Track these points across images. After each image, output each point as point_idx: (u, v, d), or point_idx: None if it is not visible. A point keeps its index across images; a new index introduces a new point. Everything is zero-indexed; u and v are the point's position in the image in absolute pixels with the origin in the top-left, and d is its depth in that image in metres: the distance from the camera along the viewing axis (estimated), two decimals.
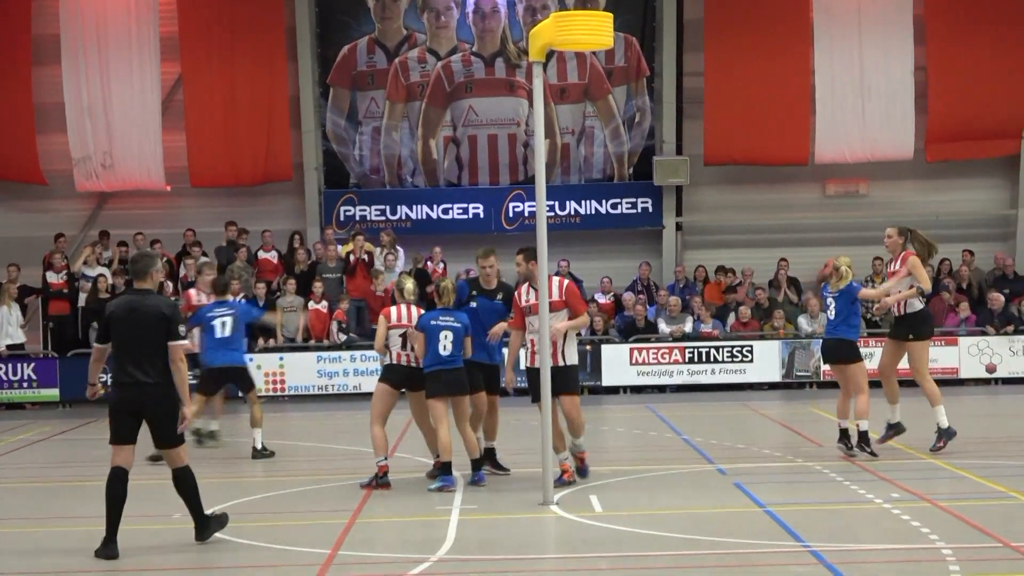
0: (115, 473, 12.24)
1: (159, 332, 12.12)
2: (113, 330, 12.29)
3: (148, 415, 12.21)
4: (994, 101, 30.63)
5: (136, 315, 12.17)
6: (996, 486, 14.73)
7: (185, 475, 12.39)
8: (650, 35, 31.28)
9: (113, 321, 12.32)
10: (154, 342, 12.10)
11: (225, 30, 30.76)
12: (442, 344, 15.21)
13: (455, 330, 15.26)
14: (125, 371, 12.17)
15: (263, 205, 31.25)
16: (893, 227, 18.30)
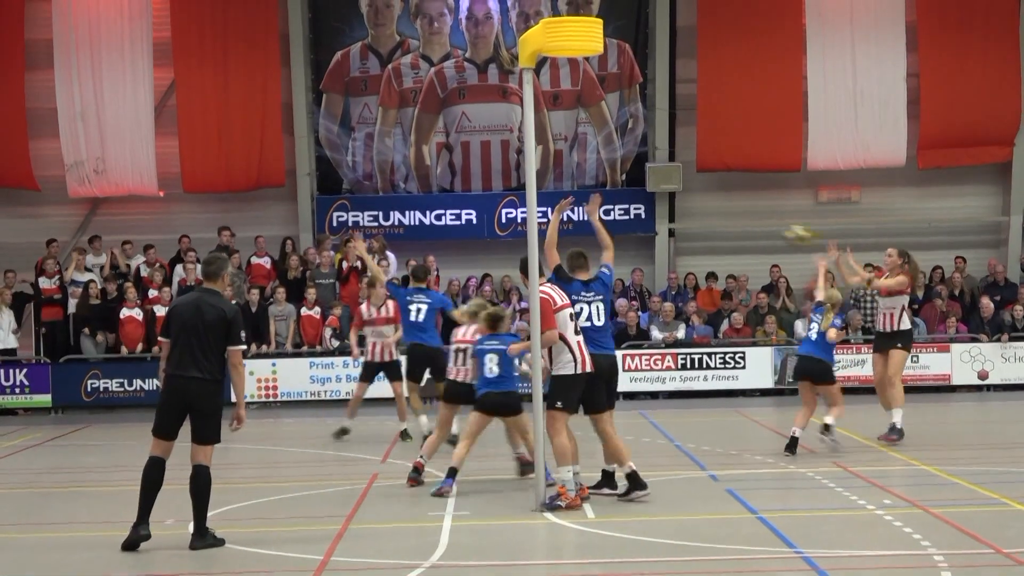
0: (153, 461, 12.51)
1: (219, 333, 12.48)
2: (175, 325, 12.57)
3: (194, 409, 12.46)
4: (985, 108, 30.67)
5: (200, 313, 12.49)
6: (988, 492, 14.76)
7: (204, 475, 12.54)
8: (643, 41, 31.30)
9: (175, 316, 12.65)
10: (212, 341, 12.44)
11: (218, 36, 30.74)
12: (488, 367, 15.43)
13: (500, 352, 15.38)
14: (180, 365, 12.47)
15: (256, 211, 31.22)
16: (895, 248, 20.03)
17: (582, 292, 14.80)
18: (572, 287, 14.78)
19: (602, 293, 14.90)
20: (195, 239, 29.83)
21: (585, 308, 14.73)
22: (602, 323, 14.83)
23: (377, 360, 20.89)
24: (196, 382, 12.46)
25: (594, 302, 14.80)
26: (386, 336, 20.82)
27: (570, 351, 14.28)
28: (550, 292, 14.43)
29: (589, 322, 14.70)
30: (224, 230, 29.81)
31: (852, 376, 27.93)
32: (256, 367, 27.49)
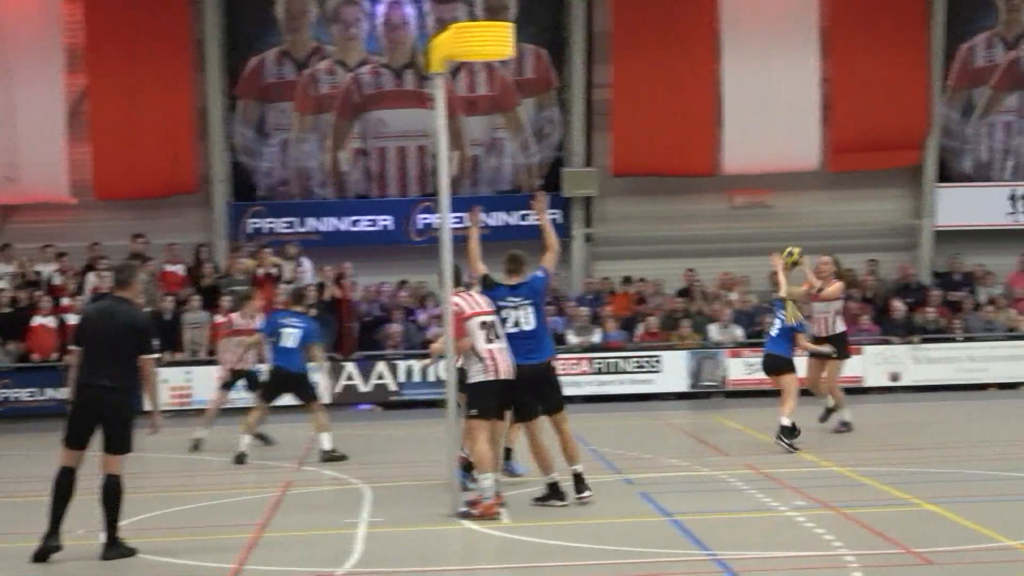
0: (63, 471, 12.35)
1: (130, 341, 12.29)
2: (86, 333, 12.45)
3: (105, 419, 12.30)
4: (896, 113, 31.01)
5: (111, 321, 12.33)
6: (898, 493, 14.91)
7: (116, 485, 12.40)
8: (558, 47, 31.37)
9: (86, 324, 12.56)
10: (123, 350, 12.26)
11: (131, 42, 30.45)
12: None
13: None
14: (92, 374, 12.30)
15: (169, 218, 30.95)
16: (829, 255, 21.34)
17: (508, 297, 14.58)
18: (497, 292, 14.62)
19: (531, 298, 14.59)
20: (108, 246, 29.56)
21: (511, 314, 14.50)
22: (531, 328, 14.52)
23: (239, 368, 21.28)
24: (108, 391, 12.28)
25: (521, 307, 14.53)
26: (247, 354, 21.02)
27: (479, 359, 14.22)
28: (459, 301, 14.35)
29: (517, 328, 14.47)
30: (138, 237, 29.61)
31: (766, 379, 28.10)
32: (170, 375, 27.30)
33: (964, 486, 15.62)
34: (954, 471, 16.92)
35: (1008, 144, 32.10)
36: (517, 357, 14.38)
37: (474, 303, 14.42)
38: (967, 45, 31.85)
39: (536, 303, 14.64)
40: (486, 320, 14.30)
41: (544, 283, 14.87)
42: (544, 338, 14.77)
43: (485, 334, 14.23)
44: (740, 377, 28.10)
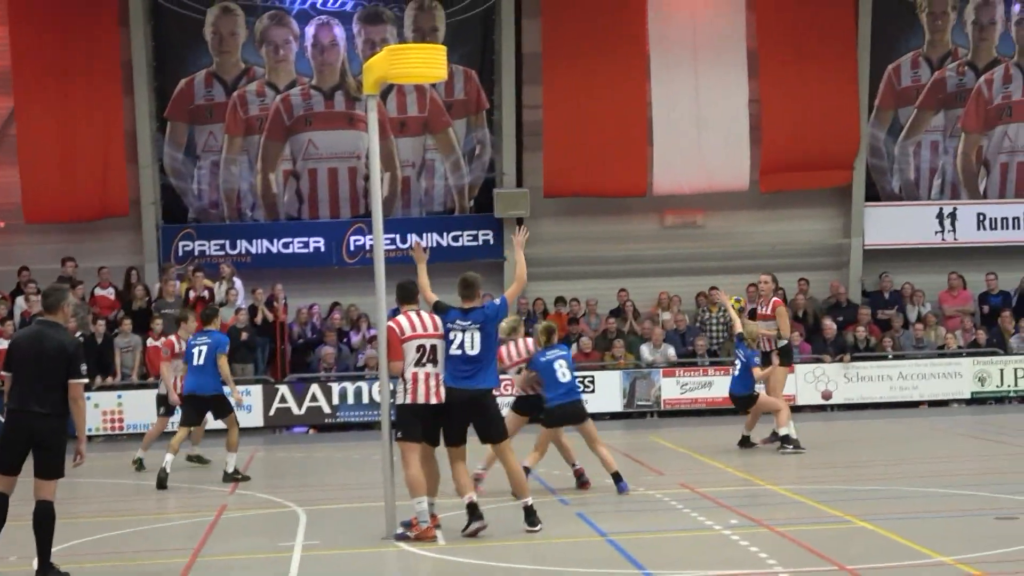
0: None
1: (59, 366, 12.19)
2: (15, 358, 12.37)
3: (37, 445, 12.19)
4: (826, 133, 31.26)
5: (40, 346, 12.26)
6: (832, 511, 14.99)
7: (49, 511, 12.28)
8: (489, 68, 31.42)
9: (15, 349, 12.46)
10: (53, 374, 12.16)
11: (59, 64, 30.21)
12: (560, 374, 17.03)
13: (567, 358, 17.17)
14: (22, 400, 12.22)
15: (100, 241, 30.72)
16: (768, 274, 21.78)
17: (457, 320, 14.36)
18: (448, 315, 14.42)
19: (479, 322, 14.35)
20: (38, 270, 29.31)
21: (458, 336, 14.26)
22: (475, 352, 14.25)
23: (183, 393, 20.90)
24: (38, 417, 12.16)
25: (469, 330, 14.29)
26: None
27: (403, 382, 14.02)
28: (402, 321, 14.20)
29: (460, 351, 14.22)
30: (68, 261, 29.36)
31: (699, 398, 28.30)
32: (101, 399, 27.14)
33: (897, 503, 15.74)
34: (887, 488, 17.04)
35: (935, 163, 32.42)
36: (454, 380, 14.18)
37: (417, 325, 14.20)
38: (893, 65, 32.16)
39: (485, 328, 14.39)
40: (423, 343, 14.13)
41: (497, 310, 14.61)
42: (488, 365, 14.43)
43: (418, 357, 14.08)
44: (674, 396, 28.22)
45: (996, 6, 32.38)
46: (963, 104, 32.35)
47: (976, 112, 32.37)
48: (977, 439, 23.40)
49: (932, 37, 32.25)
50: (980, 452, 21.62)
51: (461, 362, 14.22)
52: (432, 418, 14.14)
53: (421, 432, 14.10)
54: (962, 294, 31.39)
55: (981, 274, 31.68)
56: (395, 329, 14.12)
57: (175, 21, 30.79)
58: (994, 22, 32.40)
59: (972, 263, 31.95)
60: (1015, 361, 29.31)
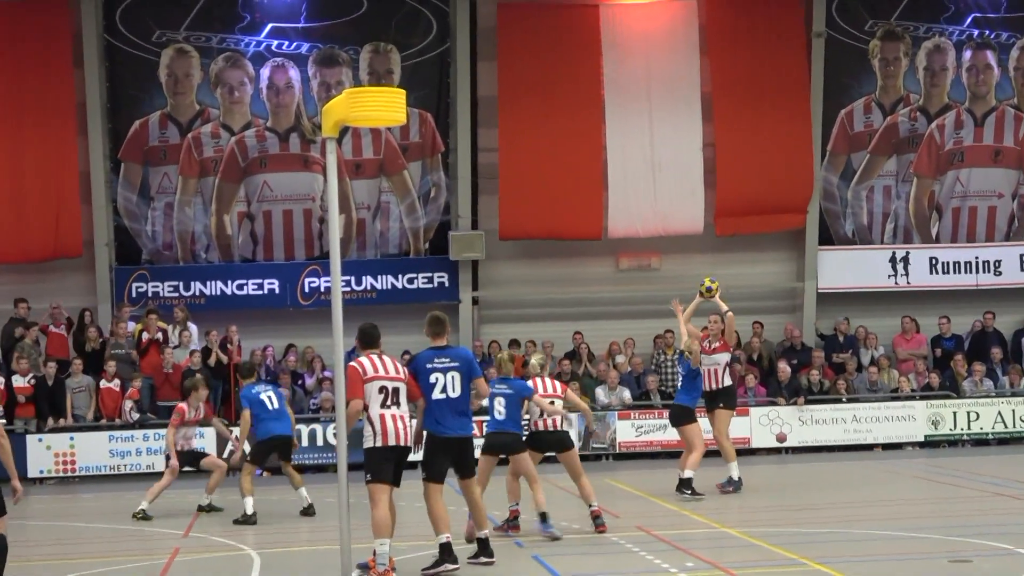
0: None
1: None
2: None
3: None
4: (780, 177, 31.41)
5: None
6: (787, 553, 14.99)
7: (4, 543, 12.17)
8: (445, 111, 31.48)
9: None
10: None
11: (12, 103, 30.13)
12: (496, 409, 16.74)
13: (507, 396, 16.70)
14: None
15: (52, 281, 30.54)
16: (717, 315, 22.04)
17: (435, 359, 14.35)
18: (420, 357, 14.45)
19: (458, 360, 14.38)
20: None
21: (439, 378, 14.28)
22: (457, 395, 14.30)
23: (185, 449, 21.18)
24: None
25: (449, 371, 14.30)
26: (191, 436, 21.34)
27: (371, 424, 14.00)
28: (364, 362, 14.13)
29: (444, 395, 14.26)
30: (20, 302, 29.19)
31: (655, 441, 28.31)
32: (53, 441, 26.98)
33: (852, 546, 15.75)
34: (842, 531, 17.06)
35: (887, 207, 32.63)
36: (442, 428, 14.26)
37: (379, 366, 14.13)
38: (846, 110, 32.41)
39: (463, 368, 14.39)
40: (385, 385, 14.08)
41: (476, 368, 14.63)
42: (468, 410, 14.57)
43: (382, 399, 14.02)
44: (629, 439, 28.23)
45: (947, 52, 32.68)
46: (915, 149, 32.61)
47: (928, 157, 32.63)
48: (931, 482, 23.46)
49: (884, 83, 32.52)
50: (934, 495, 21.68)
51: (447, 408, 14.31)
52: (398, 460, 14.11)
53: (391, 474, 14.05)
54: (916, 337, 31.55)
55: (934, 318, 31.87)
56: (357, 369, 14.05)
57: (129, 62, 30.76)
58: (945, 68, 32.68)
59: (925, 307, 32.15)
60: (968, 404, 29.47)
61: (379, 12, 31.11)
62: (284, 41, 31.13)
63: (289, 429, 20.59)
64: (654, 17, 31.61)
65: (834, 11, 31.98)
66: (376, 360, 14.20)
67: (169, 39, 30.88)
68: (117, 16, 30.58)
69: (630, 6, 31.53)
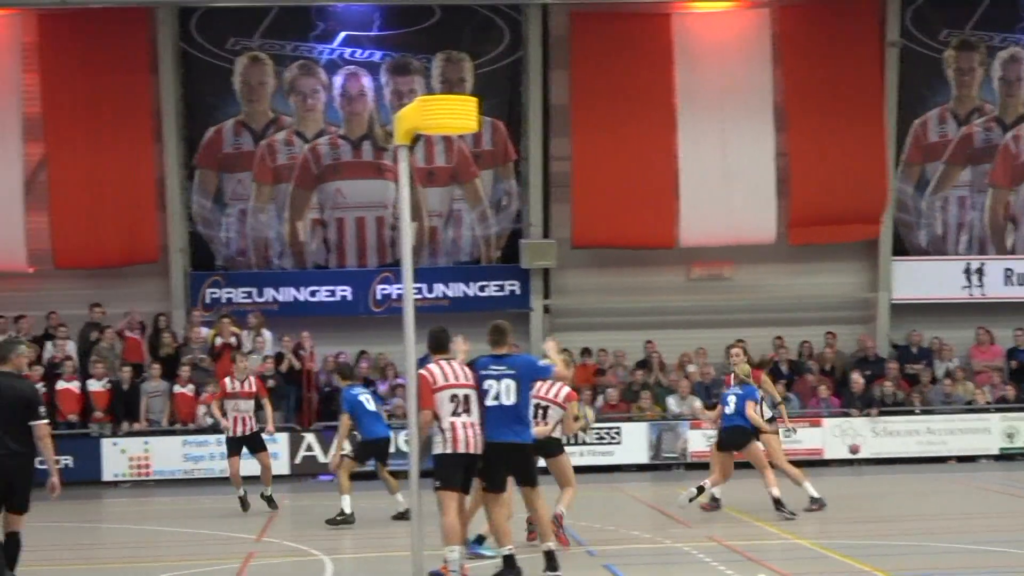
0: None
1: (18, 411, 13.16)
2: None
3: (10, 481, 13.11)
4: (854, 187, 31.22)
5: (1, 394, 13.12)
6: (861, 565, 14.91)
7: (19, 540, 13.38)
8: (517, 119, 31.50)
9: None
10: (15, 419, 13.09)
11: (91, 111, 30.43)
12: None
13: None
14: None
15: (128, 287, 30.82)
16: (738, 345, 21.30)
17: (490, 366, 14.29)
18: (479, 363, 14.38)
19: (515, 369, 14.24)
20: (67, 315, 29.52)
21: (493, 385, 14.16)
22: (511, 403, 14.14)
23: (240, 434, 21.56)
24: (12, 457, 13.09)
25: (503, 378, 14.16)
26: (245, 411, 21.53)
27: (441, 431, 13.96)
28: (434, 370, 14.12)
29: (497, 402, 14.12)
30: (96, 306, 29.51)
31: None
32: (128, 445, 27.20)
33: (926, 559, 15.65)
34: (916, 544, 16.95)
35: (962, 218, 32.37)
36: (496, 434, 14.09)
37: (450, 374, 14.13)
38: (921, 120, 32.16)
39: (520, 378, 14.24)
40: (456, 393, 14.06)
41: (535, 368, 14.56)
42: (526, 417, 14.39)
43: (453, 407, 14.00)
44: (701, 449, 28.12)
45: (1023, 62, 32.37)
46: (991, 159, 32.31)
47: (1004, 168, 32.33)
48: (1006, 495, 23.27)
49: (959, 93, 32.25)
50: (1009, 508, 21.50)
51: (501, 414, 14.13)
52: (468, 467, 14.10)
53: (460, 481, 14.06)
54: (991, 349, 31.30)
55: (1009, 329, 31.58)
56: (427, 377, 14.00)
57: (205, 70, 30.97)
58: (1021, 78, 32.37)
59: (1000, 318, 31.87)
60: None
61: (452, 21, 31.17)
62: (357, 49, 31.25)
63: (388, 431, 20.89)
64: (727, 26, 31.54)
65: (909, 21, 31.75)
66: (446, 367, 14.20)
67: (244, 47, 31.08)
68: (192, 24, 30.82)
69: (703, 15, 31.46)
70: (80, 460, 27.21)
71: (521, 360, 14.58)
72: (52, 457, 13.54)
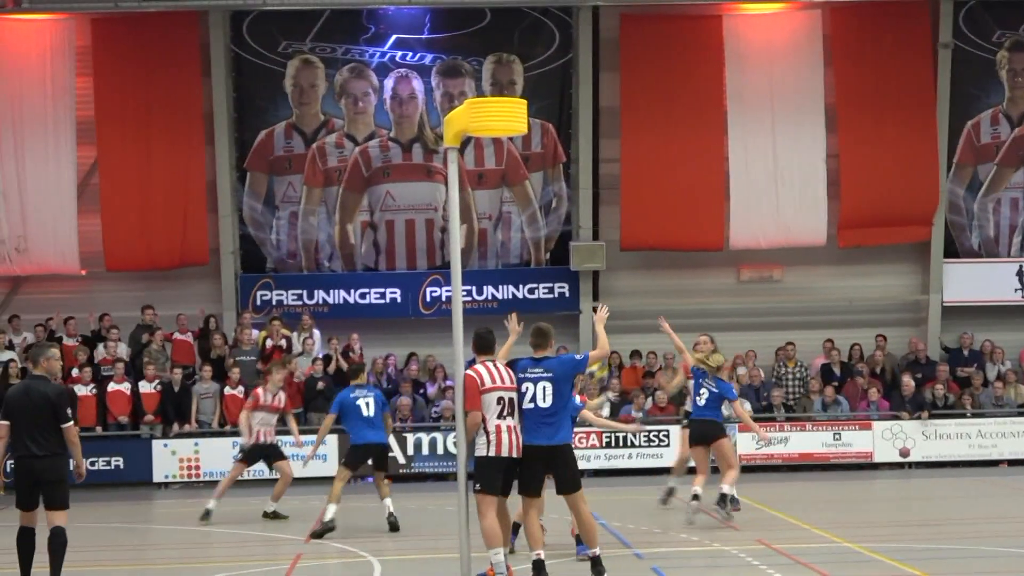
0: (23, 531, 14.09)
1: (47, 414, 13.87)
2: (10, 410, 14.03)
3: (41, 481, 13.91)
4: (905, 189, 31.08)
5: (29, 398, 13.95)
6: (909, 569, 14.84)
7: (62, 535, 13.94)
8: (567, 122, 31.52)
9: (10, 402, 14.11)
10: (44, 421, 13.83)
11: (142, 114, 30.64)
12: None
13: None
14: (22, 444, 13.94)
15: (179, 289, 31.03)
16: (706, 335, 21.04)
17: (529, 369, 14.26)
18: (518, 365, 14.35)
19: (552, 371, 14.18)
20: (119, 317, 29.71)
21: (530, 388, 14.12)
22: (547, 405, 14.08)
23: (262, 442, 21.56)
24: (36, 459, 13.85)
25: (540, 381, 14.13)
26: (270, 423, 21.57)
27: (485, 433, 13.94)
28: (481, 371, 14.08)
29: (533, 404, 14.08)
30: (147, 308, 29.70)
31: (776, 454, 28.13)
32: (178, 446, 27.34)
33: (977, 563, 15.56)
34: (966, 547, 16.86)
35: (1015, 220, 32.17)
36: (531, 436, 14.05)
37: (496, 376, 14.10)
38: (973, 122, 31.98)
39: (556, 379, 14.19)
40: (503, 395, 14.02)
41: (573, 363, 14.45)
42: (562, 419, 14.27)
43: (499, 410, 13.96)
44: (749, 452, 28.04)
45: None
46: None
47: None
48: None
49: (1012, 94, 32.05)
50: None
51: (536, 417, 14.09)
52: (508, 471, 14.10)
53: (500, 485, 14.06)
54: None
55: None
56: (474, 379, 13.98)
57: (256, 73, 31.13)
58: None
59: None
60: None
61: (502, 23, 31.21)
62: (408, 52, 31.33)
63: (384, 437, 20.16)
64: (778, 27, 31.44)
65: (961, 22, 31.57)
66: (492, 369, 14.16)
67: (295, 50, 31.21)
68: (244, 28, 30.97)
69: (754, 16, 31.38)
70: (131, 461, 27.41)
71: (557, 361, 14.48)
72: (80, 458, 14.22)
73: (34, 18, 30.36)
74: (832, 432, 28.24)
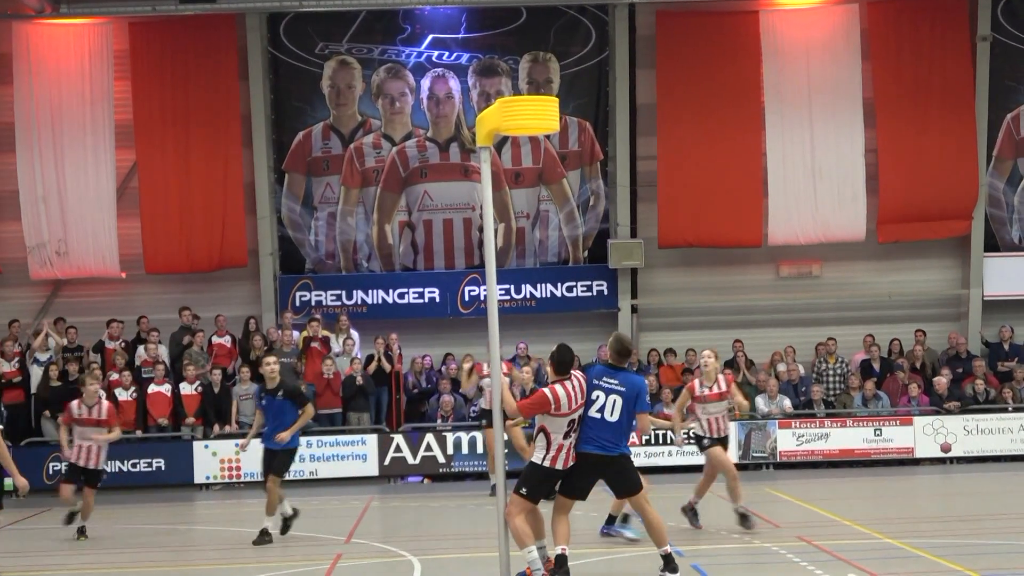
0: None
1: None
2: None
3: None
4: (944, 183, 30.94)
5: None
6: (952, 565, 14.78)
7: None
8: (603, 120, 31.50)
9: None
10: None
11: (180, 117, 30.77)
12: None
13: None
14: None
15: (218, 291, 31.15)
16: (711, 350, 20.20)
17: (605, 377, 14.11)
18: (593, 370, 14.27)
19: (626, 386, 14.05)
20: (158, 320, 29.83)
21: (600, 397, 13.99)
22: (614, 420, 13.98)
23: (80, 464, 19.82)
24: None
25: (612, 393, 13.99)
26: (92, 439, 19.74)
27: (547, 444, 13.88)
28: (559, 392, 13.89)
29: (600, 415, 13.97)
30: (185, 310, 29.81)
31: (816, 450, 28.04)
32: (219, 448, 27.41)
33: (1018, 558, 15.47)
34: (1009, 543, 16.77)
35: None
36: (591, 445, 14.00)
37: (574, 400, 13.92)
38: (1012, 114, 31.78)
39: (627, 395, 14.05)
40: (574, 419, 13.90)
41: (644, 395, 14.24)
42: (625, 433, 14.21)
43: (567, 431, 13.87)
44: (790, 448, 27.97)
45: None
46: None
47: None
48: None
49: None
50: None
51: (599, 427, 14.02)
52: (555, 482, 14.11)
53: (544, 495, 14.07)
54: None
55: None
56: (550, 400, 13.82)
57: (293, 75, 31.23)
58: None
59: None
60: None
61: (538, 22, 31.22)
62: (444, 52, 31.38)
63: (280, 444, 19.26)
64: (815, 23, 31.32)
65: (1000, 14, 31.42)
66: (571, 390, 13.96)
67: (332, 51, 31.29)
68: (281, 30, 31.07)
69: (791, 12, 31.28)
70: (171, 463, 27.52)
71: (634, 381, 14.32)
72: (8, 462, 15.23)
73: (72, 23, 30.54)
74: (873, 428, 28.12)
